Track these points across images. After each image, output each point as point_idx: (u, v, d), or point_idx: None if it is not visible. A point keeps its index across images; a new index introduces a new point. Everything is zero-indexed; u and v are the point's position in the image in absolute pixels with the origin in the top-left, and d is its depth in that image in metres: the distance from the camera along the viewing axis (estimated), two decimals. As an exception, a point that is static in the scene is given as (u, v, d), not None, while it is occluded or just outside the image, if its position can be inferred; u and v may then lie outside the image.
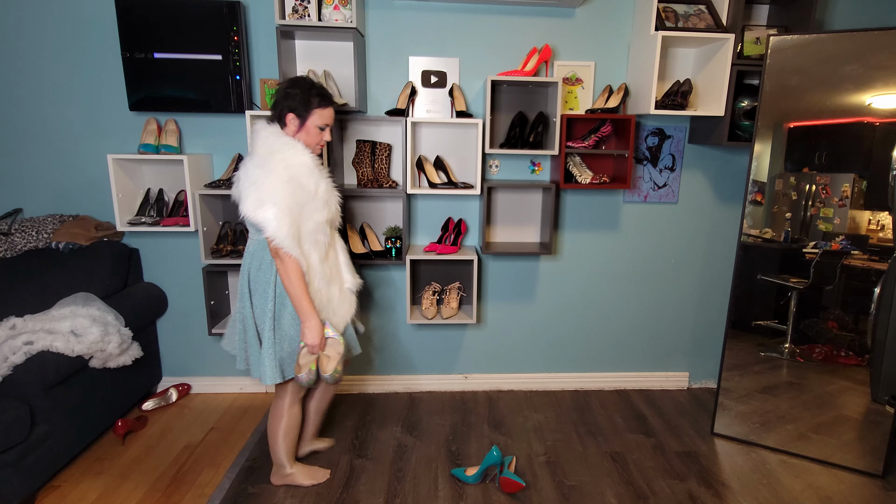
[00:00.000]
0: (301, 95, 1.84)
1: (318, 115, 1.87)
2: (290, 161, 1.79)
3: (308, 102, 1.85)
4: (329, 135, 1.94)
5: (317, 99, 1.86)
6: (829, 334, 2.38)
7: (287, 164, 1.78)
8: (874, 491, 2.22)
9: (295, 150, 1.83)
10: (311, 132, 1.88)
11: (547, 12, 2.60)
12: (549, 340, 3.01)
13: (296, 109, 1.85)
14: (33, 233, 2.48)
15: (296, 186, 1.78)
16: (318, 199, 1.85)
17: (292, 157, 1.80)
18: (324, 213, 1.88)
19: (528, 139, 2.55)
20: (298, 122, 1.86)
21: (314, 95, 1.86)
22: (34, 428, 2.00)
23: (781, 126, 2.34)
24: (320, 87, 1.89)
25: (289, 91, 1.86)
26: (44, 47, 2.50)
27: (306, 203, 1.82)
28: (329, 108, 1.90)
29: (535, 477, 2.26)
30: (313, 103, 1.85)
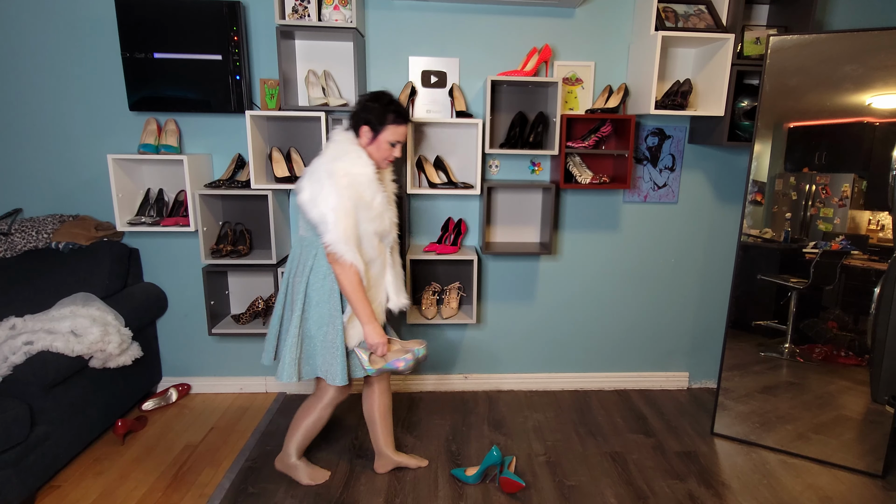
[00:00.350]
0: (378, 109, 1.88)
1: (390, 131, 1.90)
2: (351, 170, 1.82)
3: (383, 117, 1.88)
4: (399, 151, 1.96)
5: (392, 115, 1.89)
6: (829, 334, 2.38)
7: (347, 172, 1.81)
8: (874, 491, 2.22)
9: (359, 160, 1.86)
10: (381, 146, 1.91)
11: (547, 12, 2.60)
12: (549, 340, 3.01)
13: (370, 122, 1.88)
14: (33, 233, 2.48)
15: (354, 194, 1.81)
16: (372, 210, 1.87)
17: (353, 167, 1.83)
18: (375, 225, 1.89)
19: (528, 139, 2.55)
20: (371, 134, 1.89)
21: (391, 111, 1.89)
22: (34, 428, 2.00)
23: (781, 126, 2.34)
24: (399, 105, 1.92)
25: (368, 104, 1.89)
26: (44, 47, 2.50)
27: (362, 211, 1.85)
28: (403, 126, 1.93)
29: (535, 477, 2.26)
30: (388, 119, 1.88)
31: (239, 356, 2.93)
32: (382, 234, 1.95)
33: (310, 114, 2.42)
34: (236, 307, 2.84)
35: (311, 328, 1.95)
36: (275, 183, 2.47)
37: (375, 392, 2.18)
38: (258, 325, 2.68)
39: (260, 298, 2.72)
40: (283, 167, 2.50)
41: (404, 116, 1.93)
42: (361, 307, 1.88)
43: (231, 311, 2.84)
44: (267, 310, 2.73)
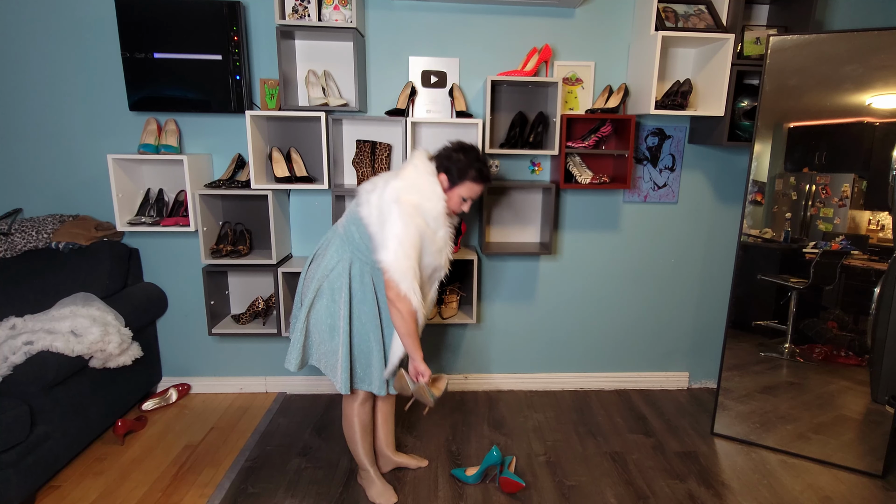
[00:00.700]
0: (462, 163, 1.83)
1: (467, 188, 1.86)
2: (425, 204, 1.79)
3: (465, 173, 1.84)
4: (469, 207, 1.93)
5: (474, 173, 1.84)
6: (829, 334, 2.38)
7: (419, 203, 1.77)
8: (874, 491, 2.22)
9: (434, 196, 1.81)
10: (453, 198, 1.87)
11: (547, 12, 2.60)
12: (549, 340, 3.01)
13: (450, 172, 1.84)
14: (33, 233, 2.48)
15: (421, 225, 1.78)
16: (434, 245, 1.84)
17: (427, 201, 1.79)
18: (434, 259, 1.87)
19: (528, 139, 2.55)
20: (448, 184, 1.86)
21: (474, 169, 1.84)
22: (34, 428, 2.00)
23: (781, 126, 2.34)
24: (483, 164, 1.87)
25: (454, 154, 1.85)
26: (44, 47, 2.50)
27: (426, 245, 1.82)
28: (481, 186, 1.89)
29: (535, 477, 2.26)
30: (469, 175, 1.84)
31: (239, 356, 2.93)
32: (437, 268, 1.93)
33: (310, 114, 2.42)
34: (236, 307, 2.84)
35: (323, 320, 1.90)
36: (275, 183, 2.47)
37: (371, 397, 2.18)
38: (258, 325, 2.68)
39: (260, 298, 2.72)
40: (283, 167, 2.50)
41: (485, 177, 1.88)
42: (412, 340, 1.85)
43: (231, 311, 2.84)
44: (267, 310, 2.74)
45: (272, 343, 2.90)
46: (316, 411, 2.76)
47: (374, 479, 2.11)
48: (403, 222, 1.74)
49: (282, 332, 2.61)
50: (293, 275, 2.68)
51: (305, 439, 2.51)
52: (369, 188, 1.86)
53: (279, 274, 2.53)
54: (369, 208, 1.81)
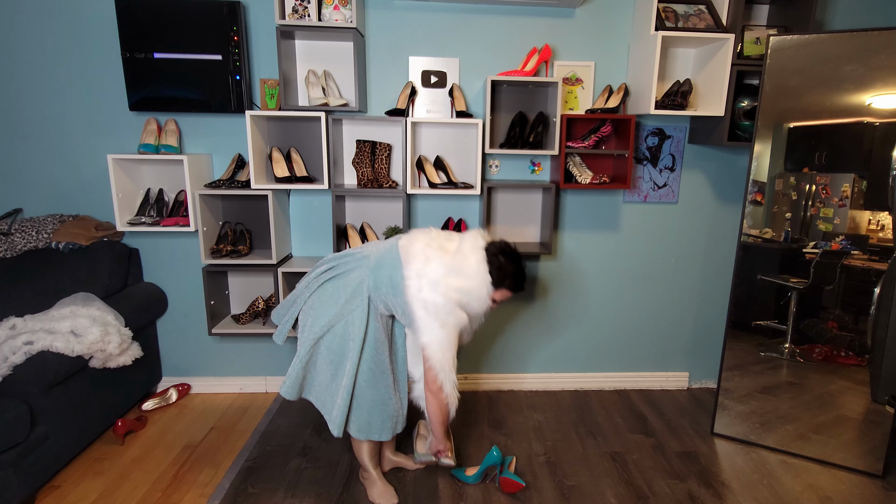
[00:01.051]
0: (501, 273, 1.82)
1: (500, 293, 1.87)
2: (477, 292, 1.80)
3: (501, 282, 1.83)
4: (495, 307, 1.94)
5: (510, 285, 1.85)
6: (829, 334, 2.38)
7: (470, 290, 1.79)
8: (874, 491, 2.22)
9: (483, 286, 1.81)
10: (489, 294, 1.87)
11: (547, 12, 2.60)
12: (549, 340, 3.01)
13: (497, 275, 1.82)
14: (33, 233, 2.48)
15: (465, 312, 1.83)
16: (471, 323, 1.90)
17: (479, 290, 1.80)
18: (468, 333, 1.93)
19: (528, 139, 2.55)
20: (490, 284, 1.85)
21: (511, 281, 1.85)
22: (34, 428, 2.00)
23: (781, 126, 2.34)
24: (520, 279, 1.87)
25: (498, 259, 1.82)
26: (44, 47, 2.50)
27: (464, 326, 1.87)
28: (512, 294, 1.90)
29: (535, 477, 2.26)
30: (505, 284, 1.84)
31: (239, 356, 2.93)
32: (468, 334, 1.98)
33: (310, 114, 2.42)
34: (236, 307, 2.84)
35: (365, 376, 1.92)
36: (275, 183, 2.47)
37: None
38: (258, 325, 2.68)
39: (260, 298, 2.72)
40: (283, 167, 2.51)
41: (518, 288, 1.89)
42: (441, 428, 1.97)
43: (231, 311, 2.84)
44: (267, 310, 2.73)
45: (272, 343, 2.90)
46: (316, 411, 2.73)
47: (375, 479, 2.11)
48: (453, 324, 1.80)
49: (282, 332, 2.61)
50: (293, 275, 2.68)
51: (305, 439, 2.51)
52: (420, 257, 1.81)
53: (279, 274, 2.53)
54: (419, 282, 1.79)
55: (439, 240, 1.86)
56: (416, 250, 1.83)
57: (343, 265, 1.94)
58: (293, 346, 2.90)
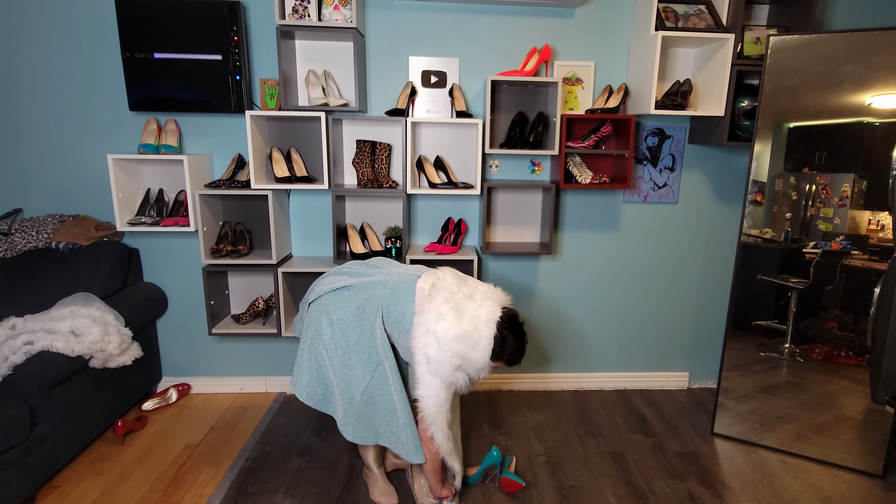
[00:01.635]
0: (502, 348, 1.78)
1: (498, 364, 1.84)
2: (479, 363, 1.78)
3: (499, 356, 1.80)
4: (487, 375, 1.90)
5: (506, 359, 1.82)
6: (829, 334, 2.38)
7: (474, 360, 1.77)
8: (874, 491, 2.22)
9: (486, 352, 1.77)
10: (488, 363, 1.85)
11: (547, 12, 2.60)
12: (549, 340, 3.01)
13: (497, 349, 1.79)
14: (33, 233, 2.48)
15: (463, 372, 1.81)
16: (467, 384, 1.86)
17: (481, 360, 1.77)
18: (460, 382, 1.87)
19: (528, 139, 2.55)
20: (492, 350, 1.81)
21: (507, 355, 1.81)
22: (34, 428, 2.00)
23: (781, 126, 2.34)
24: (518, 353, 1.83)
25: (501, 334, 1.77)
26: (44, 47, 2.50)
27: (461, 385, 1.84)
28: (508, 366, 1.87)
29: (535, 477, 2.26)
30: (502, 357, 1.81)
31: (239, 356, 2.93)
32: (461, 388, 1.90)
33: (310, 114, 2.42)
34: (236, 307, 2.84)
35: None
36: (275, 183, 2.47)
37: None
38: (258, 325, 2.68)
39: (260, 298, 2.72)
40: (283, 167, 2.50)
41: (513, 364, 1.85)
42: (434, 476, 1.97)
43: (231, 311, 2.84)
44: (267, 310, 2.73)
45: (272, 343, 2.90)
46: (316, 411, 2.75)
47: (377, 478, 2.11)
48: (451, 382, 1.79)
49: (282, 332, 2.61)
50: (293, 275, 2.68)
51: (305, 439, 2.51)
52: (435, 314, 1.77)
53: (279, 274, 2.53)
54: (426, 337, 1.77)
55: (458, 296, 1.80)
56: (432, 306, 1.79)
57: (361, 287, 1.93)
58: (292, 347, 2.90)
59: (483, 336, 1.77)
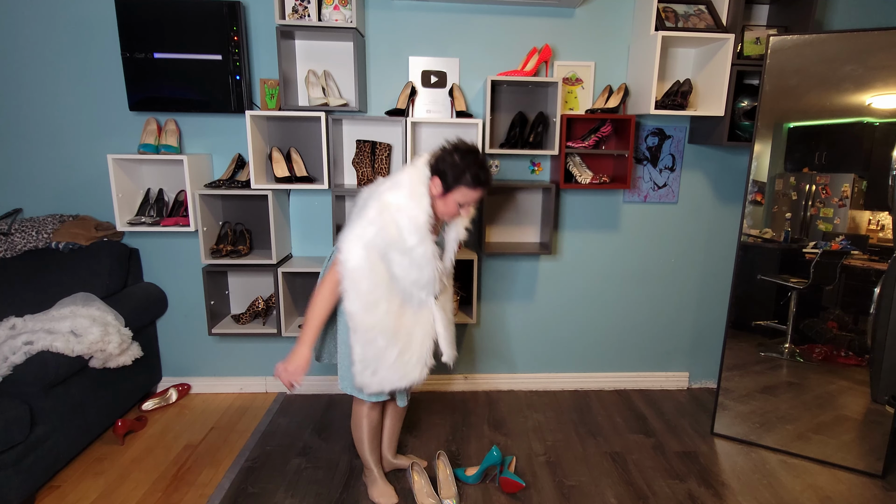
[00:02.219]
0: (457, 167, 1.69)
1: (462, 193, 1.72)
2: (405, 210, 1.67)
3: (459, 178, 1.69)
4: (468, 212, 1.79)
5: (470, 178, 1.69)
6: (829, 334, 2.38)
7: (399, 207, 1.67)
8: (874, 491, 2.22)
9: (415, 203, 1.68)
10: (449, 203, 1.75)
11: (547, 12, 2.60)
12: (549, 340, 3.01)
13: (445, 177, 1.71)
14: (33, 233, 2.48)
15: (392, 230, 1.67)
16: (407, 256, 1.70)
17: (408, 208, 1.67)
18: (412, 274, 1.73)
19: (528, 139, 2.55)
20: (441, 189, 1.73)
21: (469, 174, 1.69)
22: (34, 428, 2.00)
23: (781, 126, 2.34)
24: (480, 168, 1.71)
25: (450, 156, 1.71)
26: (44, 47, 2.50)
27: (393, 251, 1.70)
28: (478, 191, 1.73)
29: (535, 477, 2.26)
30: (464, 180, 1.69)
31: (239, 356, 2.93)
32: (416, 283, 1.76)
33: (310, 114, 2.42)
34: (236, 307, 2.84)
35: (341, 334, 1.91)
36: (275, 183, 2.47)
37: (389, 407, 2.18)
38: (258, 325, 2.68)
39: (260, 298, 2.72)
40: (283, 167, 2.50)
41: (483, 182, 1.72)
42: (311, 326, 1.75)
43: (231, 311, 2.84)
44: (267, 310, 2.73)
45: (272, 343, 2.90)
46: (316, 411, 2.76)
47: (376, 478, 2.11)
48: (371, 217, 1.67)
49: (282, 332, 2.61)
50: (293, 275, 2.68)
51: (305, 439, 2.51)
52: (366, 195, 1.78)
53: (279, 274, 2.53)
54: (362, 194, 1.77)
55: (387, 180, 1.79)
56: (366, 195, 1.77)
57: None
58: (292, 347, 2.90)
59: (415, 172, 1.71)
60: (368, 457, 2.09)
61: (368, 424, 2.03)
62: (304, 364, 1.77)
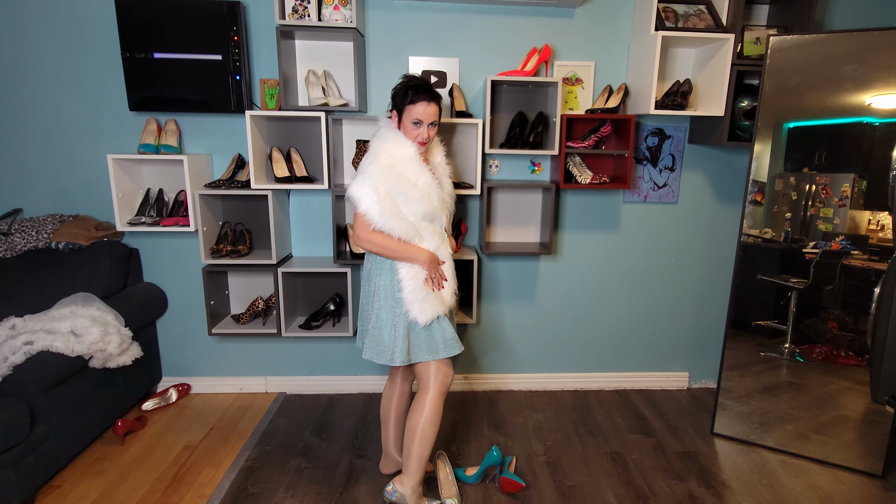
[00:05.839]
0: (399, 90, 1.86)
1: (409, 111, 1.85)
2: (394, 151, 1.83)
3: (402, 98, 1.85)
4: (427, 132, 1.87)
5: (410, 94, 1.83)
6: (829, 334, 2.38)
7: (390, 153, 1.83)
8: (874, 491, 2.22)
9: (398, 141, 1.86)
10: (407, 128, 1.87)
11: (547, 12, 2.60)
12: (549, 340, 3.01)
13: (396, 105, 1.87)
14: (33, 233, 2.48)
15: (395, 175, 1.81)
16: (417, 190, 1.83)
17: (396, 149, 1.84)
18: (422, 205, 1.85)
19: (528, 139, 2.55)
20: (397, 118, 1.89)
21: (409, 90, 1.83)
22: (34, 428, 2.00)
23: (781, 126, 2.34)
24: (418, 83, 1.86)
25: (396, 86, 1.88)
26: (44, 47, 2.50)
27: (405, 192, 1.82)
28: (420, 104, 1.83)
29: (535, 477, 2.26)
30: (407, 97, 1.84)
31: (239, 356, 2.93)
32: (431, 215, 1.89)
33: (310, 114, 2.42)
34: (236, 307, 2.84)
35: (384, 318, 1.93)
36: (275, 183, 2.47)
37: (397, 392, 2.17)
38: (258, 325, 2.68)
39: (260, 298, 2.72)
40: (283, 167, 2.50)
41: (421, 93, 1.83)
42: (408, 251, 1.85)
43: (231, 311, 2.84)
44: (267, 310, 2.73)
45: (272, 343, 2.90)
46: (316, 411, 2.76)
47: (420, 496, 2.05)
48: (374, 171, 1.80)
49: (282, 332, 2.61)
50: (293, 275, 2.68)
51: (305, 439, 2.51)
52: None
53: (279, 274, 2.53)
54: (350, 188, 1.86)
55: None
56: None
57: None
58: (292, 347, 2.90)
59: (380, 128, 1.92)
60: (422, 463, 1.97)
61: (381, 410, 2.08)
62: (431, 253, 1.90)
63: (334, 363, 2.94)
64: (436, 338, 1.91)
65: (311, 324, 2.67)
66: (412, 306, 1.87)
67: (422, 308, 1.87)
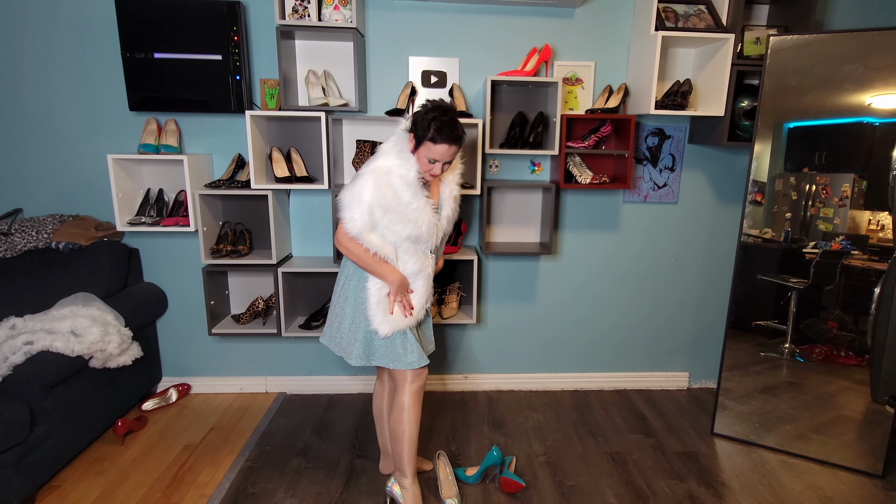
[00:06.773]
0: (422, 122, 1.77)
1: (427, 147, 1.78)
2: (395, 170, 1.80)
3: (424, 131, 1.76)
4: (440, 169, 1.82)
5: (432, 131, 1.75)
6: (829, 334, 2.38)
7: (390, 171, 1.79)
8: (874, 491, 2.22)
9: (403, 161, 1.81)
10: (421, 160, 1.81)
11: (547, 12, 2.60)
12: (549, 340, 3.01)
13: (416, 133, 1.79)
14: (33, 233, 2.48)
15: (390, 192, 1.78)
16: (406, 213, 1.80)
17: (398, 167, 1.80)
18: (408, 228, 1.81)
19: (528, 139, 2.55)
20: (413, 144, 1.82)
21: (432, 126, 1.75)
22: (34, 428, 2.00)
23: (781, 126, 2.34)
24: (442, 121, 1.75)
25: (417, 113, 1.80)
26: (44, 47, 2.50)
27: (394, 210, 1.78)
28: (441, 146, 1.76)
29: (535, 477, 2.26)
30: (427, 134, 1.76)
31: (239, 356, 2.93)
32: (416, 238, 1.84)
33: (310, 114, 2.42)
34: (236, 307, 2.84)
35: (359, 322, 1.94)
36: (275, 183, 2.47)
37: (387, 391, 2.16)
38: (258, 325, 2.68)
39: (260, 298, 2.72)
40: (283, 167, 2.50)
41: (444, 135, 1.75)
42: (382, 269, 1.84)
43: (231, 311, 2.84)
44: (267, 310, 2.73)
45: (272, 343, 2.90)
46: (316, 411, 2.77)
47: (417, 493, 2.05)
48: (367, 181, 1.77)
49: (282, 332, 2.61)
50: (293, 275, 2.68)
51: (305, 439, 2.51)
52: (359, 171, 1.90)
53: (279, 274, 2.53)
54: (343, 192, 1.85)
55: None
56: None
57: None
58: (292, 347, 2.90)
59: (388, 141, 1.87)
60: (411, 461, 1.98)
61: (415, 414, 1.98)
62: (401, 278, 1.88)
63: (334, 363, 2.94)
64: (397, 350, 1.91)
65: (311, 324, 2.67)
66: (374, 318, 1.88)
67: (384, 320, 1.88)
